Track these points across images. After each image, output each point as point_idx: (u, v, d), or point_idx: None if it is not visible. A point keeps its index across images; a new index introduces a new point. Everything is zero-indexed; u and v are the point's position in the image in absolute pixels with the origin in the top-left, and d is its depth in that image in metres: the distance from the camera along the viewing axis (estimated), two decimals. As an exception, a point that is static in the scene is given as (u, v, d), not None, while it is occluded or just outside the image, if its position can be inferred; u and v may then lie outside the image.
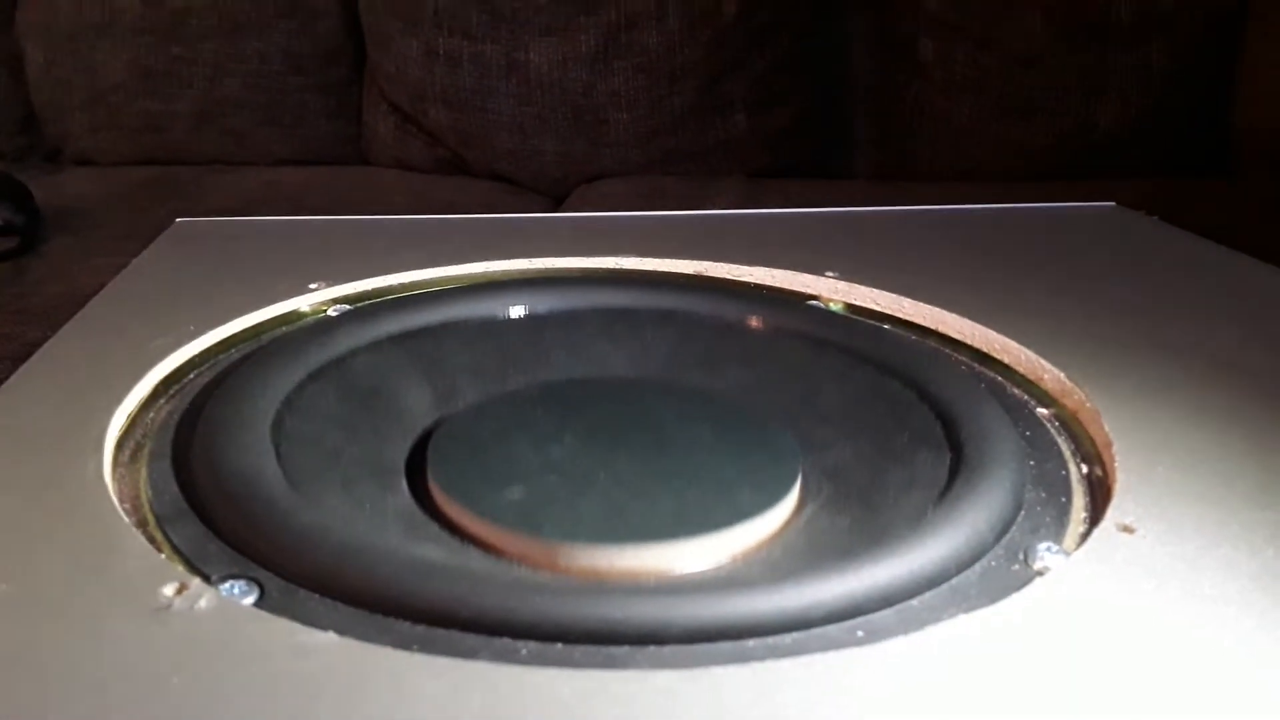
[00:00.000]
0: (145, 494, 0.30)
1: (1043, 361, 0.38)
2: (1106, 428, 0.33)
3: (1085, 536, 0.29)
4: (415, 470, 0.34)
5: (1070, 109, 1.13)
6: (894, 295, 0.45)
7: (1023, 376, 0.39)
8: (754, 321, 0.42)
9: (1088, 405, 0.35)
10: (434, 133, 1.21)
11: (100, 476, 0.29)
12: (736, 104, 1.16)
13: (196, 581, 0.25)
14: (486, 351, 0.40)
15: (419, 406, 0.37)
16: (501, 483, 0.31)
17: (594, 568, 0.29)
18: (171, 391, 0.36)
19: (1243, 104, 1.14)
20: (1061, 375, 0.37)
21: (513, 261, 0.48)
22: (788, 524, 0.31)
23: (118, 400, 0.34)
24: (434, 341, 0.40)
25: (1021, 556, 0.28)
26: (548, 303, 0.42)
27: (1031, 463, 0.32)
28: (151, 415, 0.34)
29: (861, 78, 1.21)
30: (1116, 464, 0.31)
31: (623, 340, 0.42)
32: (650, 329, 0.42)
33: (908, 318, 0.44)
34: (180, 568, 0.26)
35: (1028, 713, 0.21)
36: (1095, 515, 0.30)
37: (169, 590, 0.24)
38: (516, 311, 0.42)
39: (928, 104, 1.17)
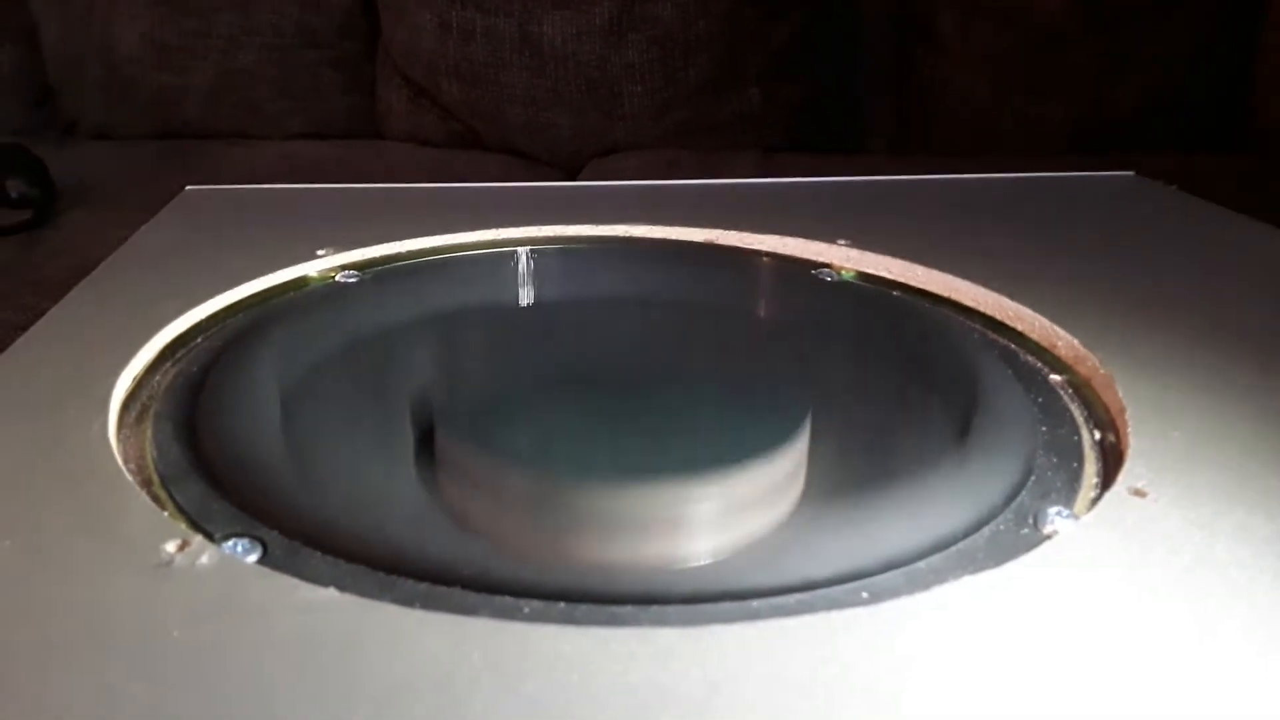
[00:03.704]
0: (150, 454, 0.30)
1: (1056, 328, 0.38)
2: (1120, 394, 0.33)
3: (1096, 501, 0.28)
4: (421, 429, 0.34)
5: (1090, 86, 1.12)
6: (906, 263, 0.44)
7: (1036, 343, 0.38)
8: (764, 290, 0.42)
9: (1101, 372, 0.35)
10: (447, 106, 1.20)
11: (105, 437, 0.29)
12: (751, 78, 1.15)
13: (199, 539, 0.25)
14: (495, 317, 0.40)
15: (427, 370, 0.37)
16: (509, 444, 0.31)
17: (602, 525, 0.28)
18: (178, 355, 0.36)
19: (1263, 81, 1.12)
20: (1075, 342, 0.37)
21: (522, 229, 0.48)
22: (795, 487, 0.31)
23: (124, 363, 0.34)
24: (442, 306, 0.39)
25: (1031, 520, 0.27)
26: (559, 267, 0.42)
27: (1043, 428, 0.32)
28: (158, 378, 0.34)
29: (879, 52, 1.20)
30: (1129, 430, 0.31)
31: (634, 300, 0.41)
32: (661, 291, 0.41)
33: (920, 285, 0.44)
34: (183, 526, 0.26)
35: (1032, 673, 0.21)
36: (1107, 481, 0.29)
37: (171, 547, 0.24)
38: (526, 276, 0.42)
39: (946, 79, 1.16)
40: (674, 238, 0.48)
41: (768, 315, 0.41)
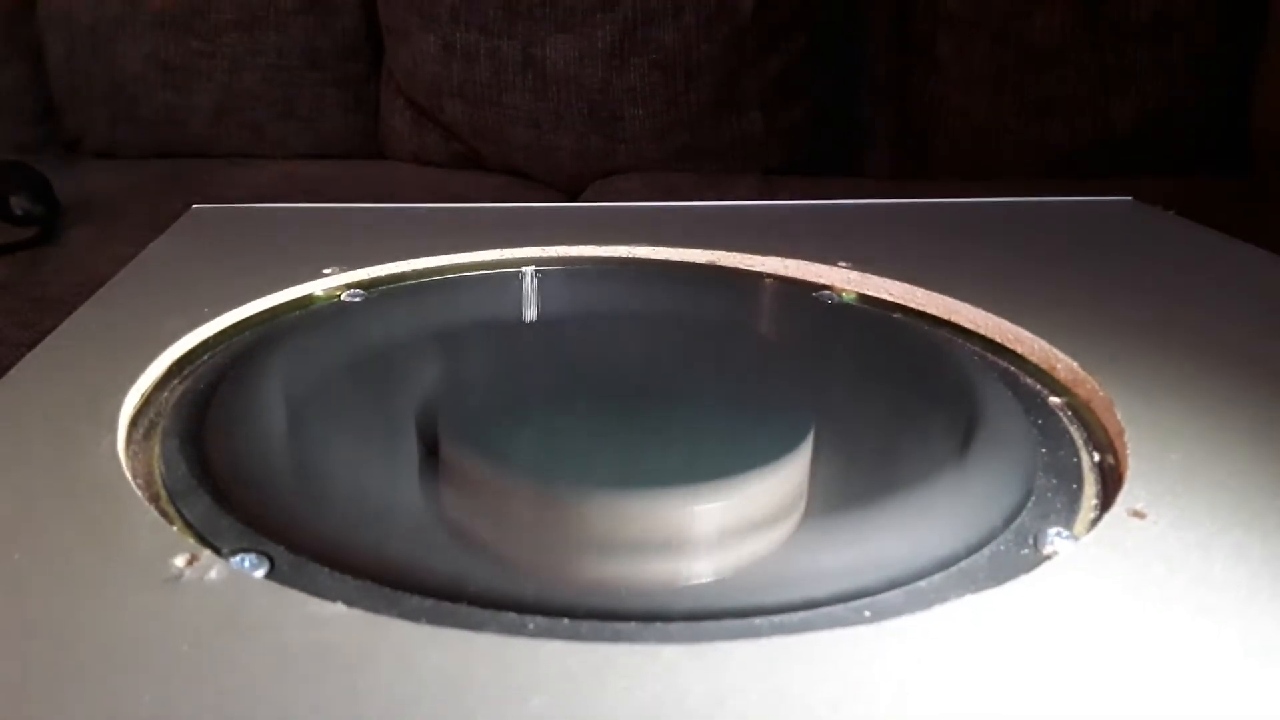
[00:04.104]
0: (158, 470, 0.30)
1: (1055, 351, 0.38)
2: (1119, 416, 0.33)
3: (1095, 522, 0.28)
4: (427, 446, 0.34)
5: (1088, 106, 1.13)
6: (906, 285, 0.44)
7: (1035, 366, 0.39)
8: (765, 311, 0.42)
9: (1100, 394, 0.35)
10: (450, 127, 1.21)
11: (114, 453, 0.30)
12: (752, 101, 1.16)
13: (207, 554, 0.25)
14: (499, 335, 0.40)
15: (432, 387, 0.37)
16: (514, 461, 0.31)
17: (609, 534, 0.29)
18: (185, 372, 0.36)
19: (1262, 103, 1.13)
20: (1074, 364, 0.37)
21: (526, 249, 0.48)
22: (798, 506, 0.31)
23: (132, 379, 0.34)
24: (448, 324, 0.40)
25: (1031, 541, 0.28)
26: (561, 287, 0.42)
27: (1043, 450, 0.32)
28: (165, 394, 0.35)
29: (878, 74, 1.20)
30: (1128, 451, 0.31)
31: (637, 320, 0.42)
32: (663, 311, 0.42)
33: (920, 307, 0.44)
34: (191, 540, 0.26)
35: (1032, 692, 0.21)
36: (1106, 502, 0.30)
37: (180, 561, 0.24)
38: (530, 295, 0.42)
39: (945, 101, 1.17)
40: (676, 259, 0.49)
41: (769, 337, 0.41)
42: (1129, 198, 0.61)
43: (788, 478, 0.31)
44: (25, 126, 1.29)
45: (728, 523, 0.30)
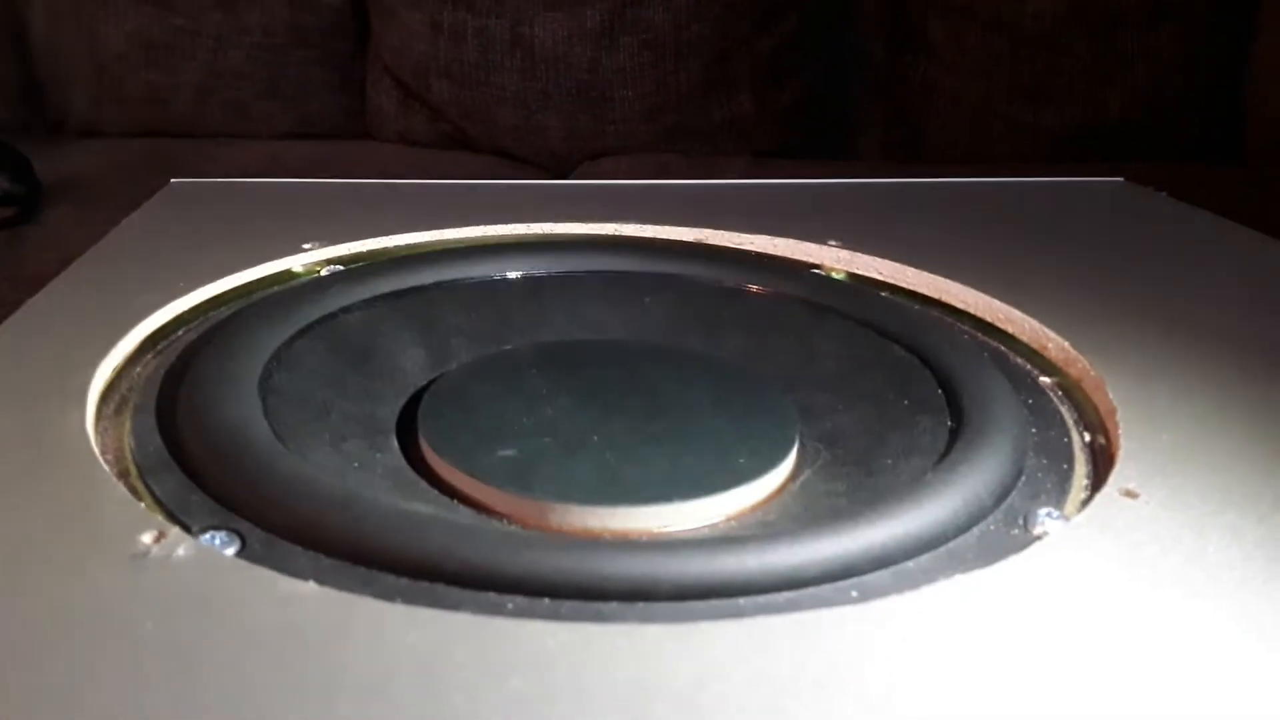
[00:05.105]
0: (128, 446, 0.29)
1: (1046, 330, 0.38)
2: (1110, 396, 0.33)
3: (1087, 503, 0.28)
4: (405, 428, 0.33)
5: (1081, 92, 1.12)
6: (897, 264, 0.44)
7: (1026, 345, 0.38)
8: (754, 287, 0.41)
9: (1091, 374, 0.34)
10: (437, 107, 1.20)
11: (83, 428, 0.29)
12: (743, 82, 1.15)
13: (176, 530, 0.24)
14: (481, 313, 0.40)
15: (411, 366, 0.37)
16: (493, 441, 0.31)
17: (585, 528, 0.28)
18: (159, 347, 0.36)
19: (1255, 89, 1.13)
20: (1065, 344, 0.36)
21: (511, 226, 0.48)
22: (784, 487, 0.31)
23: (103, 354, 0.33)
24: (428, 302, 0.39)
25: (1021, 521, 0.27)
26: (545, 266, 0.42)
27: (1034, 430, 0.32)
28: (138, 370, 0.34)
29: (870, 58, 1.20)
30: (1120, 431, 0.31)
31: (621, 304, 0.41)
32: (649, 294, 0.41)
33: (911, 287, 0.43)
34: (160, 517, 0.25)
35: (1021, 673, 0.21)
36: (1098, 482, 0.29)
37: (147, 538, 0.24)
38: (513, 274, 0.41)
39: (937, 85, 1.16)
40: (664, 236, 0.48)
41: (756, 314, 0.40)
42: (1120, 179, 0.61)
43: (775, 458, 0.31)
44: (8, 107, 1.27)
45: (714, 501, 0.29)
